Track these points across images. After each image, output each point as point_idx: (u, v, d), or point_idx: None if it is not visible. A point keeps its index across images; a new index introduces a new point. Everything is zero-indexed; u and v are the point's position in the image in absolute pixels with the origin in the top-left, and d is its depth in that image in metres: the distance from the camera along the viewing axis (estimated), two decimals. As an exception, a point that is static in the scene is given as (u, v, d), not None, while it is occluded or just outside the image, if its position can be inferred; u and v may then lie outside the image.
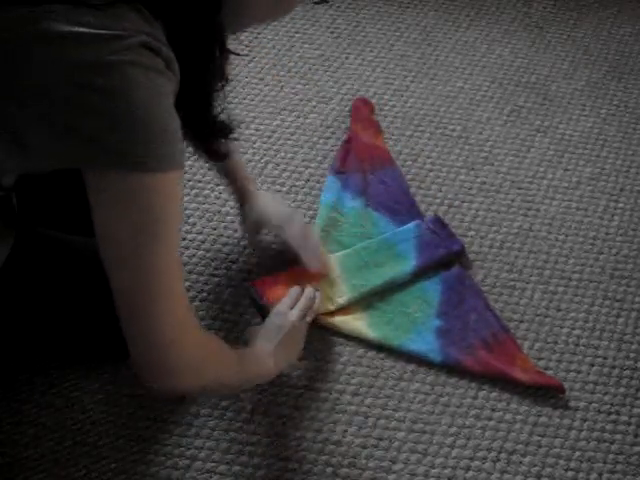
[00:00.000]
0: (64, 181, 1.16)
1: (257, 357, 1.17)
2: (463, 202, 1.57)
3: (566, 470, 1.22)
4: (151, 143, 0.85)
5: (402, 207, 1.50)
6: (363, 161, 1.55)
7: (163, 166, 0.87)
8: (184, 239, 1.44)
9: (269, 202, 1.38)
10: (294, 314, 1.24)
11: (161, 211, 0.88)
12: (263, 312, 1.30)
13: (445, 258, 1.42)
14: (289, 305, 1.25)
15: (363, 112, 1.67)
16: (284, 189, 1.54)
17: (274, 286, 1.33)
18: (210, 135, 1.06)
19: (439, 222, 1.46)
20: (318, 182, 1.56)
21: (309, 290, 1.29)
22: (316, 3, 1.05)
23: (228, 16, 0.93)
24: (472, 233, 1.52)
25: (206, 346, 1.02)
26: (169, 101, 0.88)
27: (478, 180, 1.61)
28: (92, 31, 0.84)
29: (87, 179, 0.90)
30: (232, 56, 1.02)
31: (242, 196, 1.38)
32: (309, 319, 1.27)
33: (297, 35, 1.86)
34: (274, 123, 1.66)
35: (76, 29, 0.84)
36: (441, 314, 1.34)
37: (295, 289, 1.29)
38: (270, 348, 1.18)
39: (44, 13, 0.84)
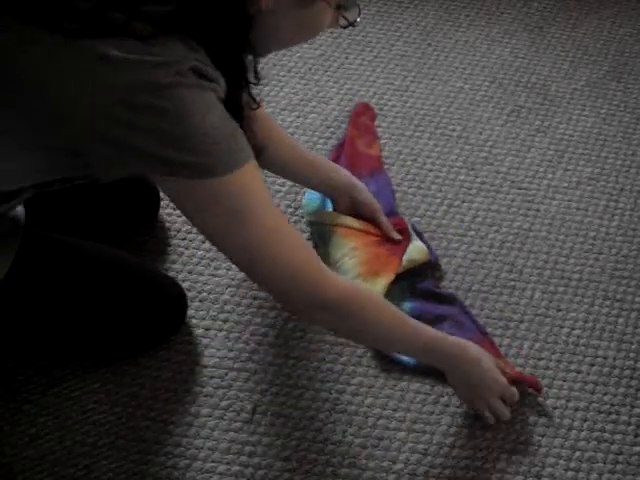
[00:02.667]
0: (74, 186, 1.18)
1: (455, 345, 1.18)
2: (463, 202, 1.57)
3: (566, 470, 1.22)
4: (214, 151, 0.94)
5: None
6: (352, 167, 1.51)
7: (232, 166, 0.95)
8: (184, 239, 1.44)
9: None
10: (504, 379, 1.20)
11: (244, 199, 0.98)
12: None
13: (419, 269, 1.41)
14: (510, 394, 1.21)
15: (363, 118, 1.66)
16: (284, 189, 1.54)
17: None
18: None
19: (415, 231, 1.45)
20: (318, 182, 1.56)
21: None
22: (344, 27, 1.09)
23: (258, 39, 0.99)
24: (472, 233, 1.52)
25: (342, 290, 1.08)
26: (220, 108, 0.95)
27: (478, 180, 1.61)
28: (142, 58, 0.90)
29: (163, 189, 1.02)
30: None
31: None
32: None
33: (297, 35, 1.86)
34: (274, 123, 1.66)
35: (128, 55, 0.90)
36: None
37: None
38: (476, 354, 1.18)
39: (99, 43, 0.91)
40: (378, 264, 1.36)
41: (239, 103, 1.03)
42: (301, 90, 1.74)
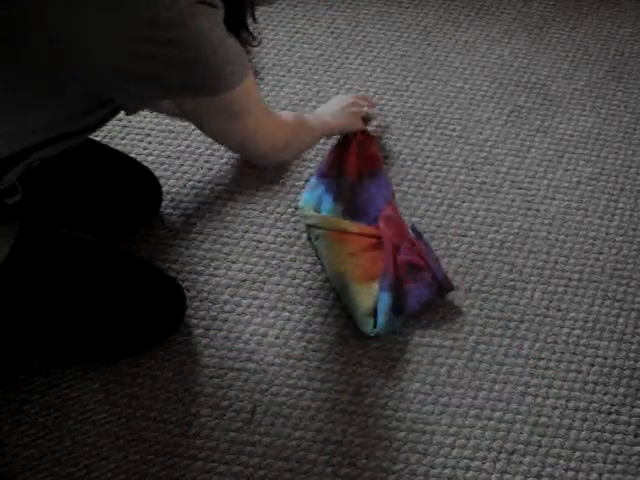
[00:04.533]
0: (69, 176, 1.18)
1: (320, 115, 1.50)
2: (463, 202, 1.57)
3: (566, 470, 1.22)
4: (224, 71, 1.03)
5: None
6: (355, 168, 1.51)
7: (241, 79, 1.07)
8: (184, 239, 1.44)
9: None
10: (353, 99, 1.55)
11: (246, 102, 1.14)
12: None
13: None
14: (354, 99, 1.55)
15: (366, 143, 1.60)
16: (284, 189, 1.54)
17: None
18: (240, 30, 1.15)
19: (415, 232, 1.44)
20: (318, 182, 1.56)
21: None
22: None
23: None
24: (472, 233, 1.52)
25: (294, 129, 1.35)
26: (224, 28, 1.02)
27: (478, 180, 1.61)
28: None
29: (183, 104, 1.12)
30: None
31: None
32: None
33: (297, 35, 1.86)
34: (274, 123, 1.66)
35: None
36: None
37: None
38: (329, 110, 1.51)
39: None
40: (375, 268, 1.36)
41: (239, 34, 1.09)
42: (301, 90, 1.74)
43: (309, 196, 1.49)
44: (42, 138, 1.04)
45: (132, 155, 1.52)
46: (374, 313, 1.32)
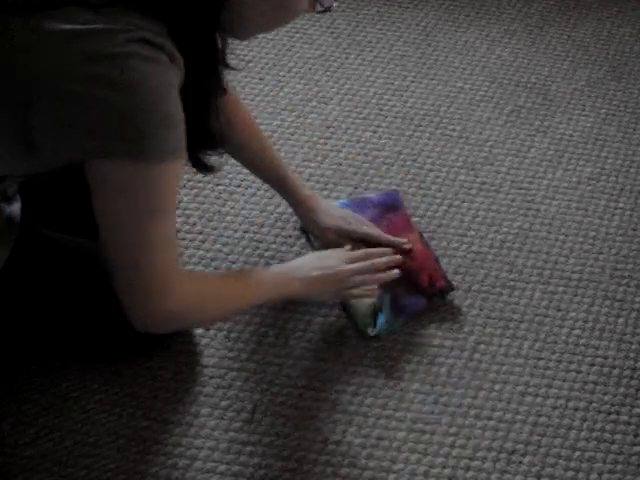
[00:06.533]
0: (67, 184, 1.17)
1: (283, 274, 1.23)
2: (463, 202, 1.57)
3: (566, 470, 1.22)
4: (155, 134, 0.88)
5: None
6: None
7: (167, 157, 0.91)
8: (184, 239, 1.44)
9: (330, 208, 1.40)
10: (350, 266, 1.26)
11: (161, 197, 0.95)
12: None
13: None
14: (351, 258, 1.28)
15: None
16: (284, 189, 1.54)
17: None
18: (202, 144, 1.05)
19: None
20: (318, 182, 1.56)
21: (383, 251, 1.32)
22: (320, 12, 1.06)
23: (231, 20, 0.96)
24: (472, 233, 1.52)
25: (203, 292, 1.11)
26: (175, 92, 0.90)
27: (478, 180, 1.61)
28: (92, 27, 0.85)
29: (89, 167, 0.93)
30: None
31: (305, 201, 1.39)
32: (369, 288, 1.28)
33: (297, 35, 1.86)
34: (274, 123, 1.66)
35: (76, 27, 0.85)
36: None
37: (370, 251, 1.31)
38: (304, 273, 1.22)
39: (43, 16, 0.86)
40: None
41: (210, 87, 0.99)
42: (301, 90, 1.74)
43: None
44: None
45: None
46: (374, 314, 1.32)
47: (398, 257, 1.32)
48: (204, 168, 1.09)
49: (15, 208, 1.11)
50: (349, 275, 1.26)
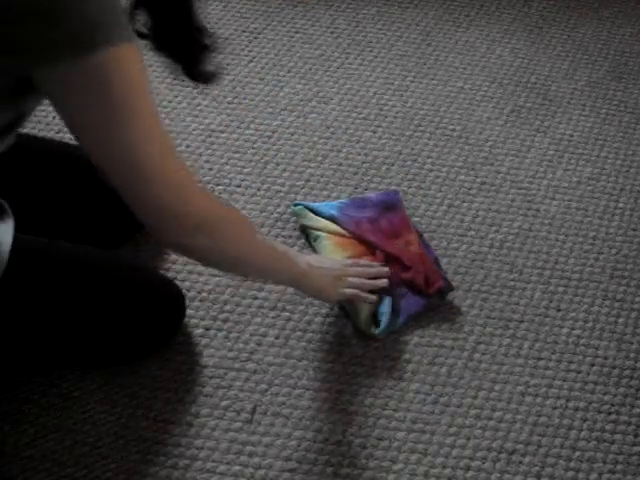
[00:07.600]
0: (69, 183, 1.15)
1: (295, 255, 1.22)
2: (463, 202, 1.57)
3: (566, 470, 1.22)
4: (97, 19, 0.83)
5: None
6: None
7: (116, 38, 0.85)
8: (184, 239, 1.44)
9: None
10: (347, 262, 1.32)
11: (125, 88, 0.88)
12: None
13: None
14: (355, 272, 1.30)
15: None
16: (284, 189, 1.54)
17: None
18: (192, 44, 0.98)
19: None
20: (318, 182, 1.56)
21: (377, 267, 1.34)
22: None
23: None
24: (472, 233, 1.52)
25: (217, 208, 1.04)
26: None
27: (478, 180, 1.61)
28: None
29: (43, 83, 0.88)
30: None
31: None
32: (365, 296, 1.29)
33: (297, 35, 1.86)
34: (274, 123, 1.66)
35: None
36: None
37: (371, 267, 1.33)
38: (311, 261, 1.23)
39: None
40: None
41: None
42: (301, 90, 1.74)
43: (303, 202, 1.48)
44: None
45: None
46: (375, 314, 1.32)
47: (386, 269, 1.34)
48: (204, 78, 1.02)
49: (9, 219, 1.09)
50: (345, 272, 1.29)
